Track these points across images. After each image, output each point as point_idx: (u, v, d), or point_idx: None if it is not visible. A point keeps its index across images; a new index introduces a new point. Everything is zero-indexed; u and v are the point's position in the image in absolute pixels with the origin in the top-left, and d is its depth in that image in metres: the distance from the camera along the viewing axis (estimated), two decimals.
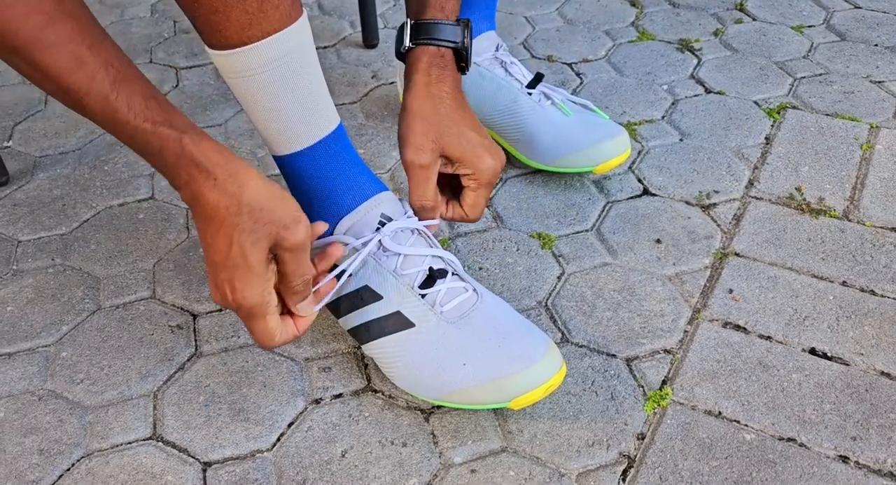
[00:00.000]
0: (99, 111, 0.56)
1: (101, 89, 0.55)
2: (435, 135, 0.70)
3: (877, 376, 0.74)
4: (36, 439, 0.71)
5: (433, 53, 0.73)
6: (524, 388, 0.66)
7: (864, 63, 1.21)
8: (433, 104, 0.71)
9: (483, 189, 0.74)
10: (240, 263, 0.58)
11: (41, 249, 0.92)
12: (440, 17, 0.73)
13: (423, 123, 0.70)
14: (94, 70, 0.54)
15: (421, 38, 0.73)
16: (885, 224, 0.91)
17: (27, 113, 1.18)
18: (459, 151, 0.71)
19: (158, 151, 0.57)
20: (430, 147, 0.70)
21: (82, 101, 0.55)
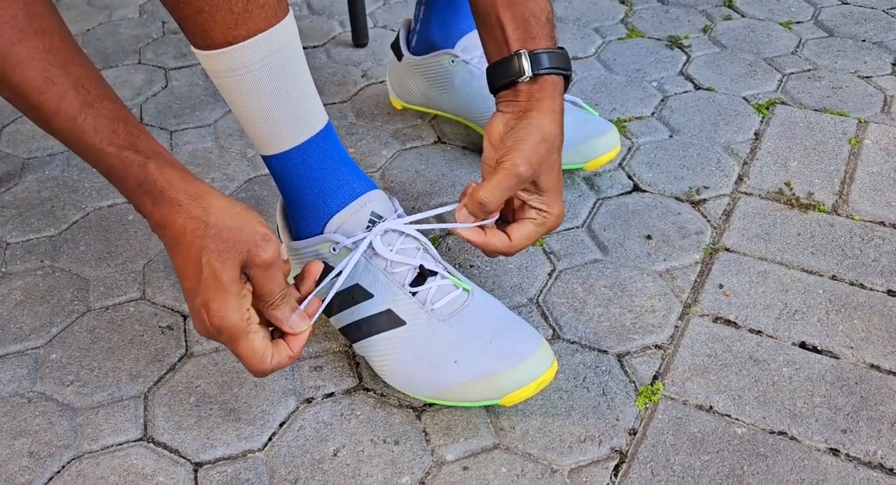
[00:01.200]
0: (66, 132, 0.55)
1: (70, 111, 0.54)
2: (545, 161, 0.67)
3: (866, 368, 0.74)
4: (26, 442, 0.71)
5: (556, 82, 0.68)
6: (516, 384, 0.66)
7: (852, 58, 1.22)
8: (558, 133, 0.67)
9: (543, 228, 0.70)
10: (212, 285, 0.57)
11: (30, 251, 0.92)
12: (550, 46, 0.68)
13: (544, 146, 0.66)
14: (63, 90, 0.54)
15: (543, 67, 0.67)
16: (873, 218, 0.91)
17: (15, 114, 1.17)
18: (553, 185, 0.68)
19: (122, 176, 0.56)
20: (536, 167, 0.66)
21: (50, 121, 0.54)
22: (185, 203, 0.56)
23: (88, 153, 0.56)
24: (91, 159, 0.57)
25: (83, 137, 0.55)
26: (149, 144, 0.58)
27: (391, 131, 1.10)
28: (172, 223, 0.56)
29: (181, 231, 0.56)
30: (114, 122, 0.56)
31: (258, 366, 0.61)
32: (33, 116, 0.56)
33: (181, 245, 0.57)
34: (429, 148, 1.06)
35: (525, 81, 0.67)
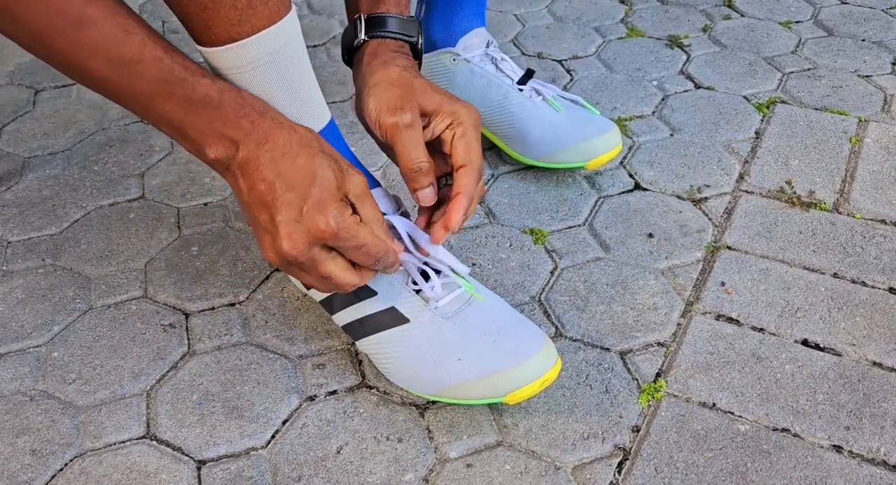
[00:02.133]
0: (152, 74, 0.56)
1: (154, 53, 0.56)
2: (410, 95, 0.67)
3: (869, 366, 0.74)
4: (28, 440, 0.71)
5: (390, 45, 0.70)
6: (519, 383, 0.66)
7: (852, 58, 1.22)
8: (399, 73, 0.68)
9: (471, 131, 0.68)
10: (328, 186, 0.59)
11: (31, 249, 0.92)
12: (395, 12, 0.71)
13: (395, 88, 0.67)
14: (143, 38, 0.56)
15: (377, 31, 0.70)
16: (874, 216, 0.92)
17: (15, 114, 1.17)
18: (435, 102, 0.67)
19: (218, 102, 0.58)
20: (409, 106, 0.66)
21: (134, 68, 0.55)
22: (288, 123, 0.60)
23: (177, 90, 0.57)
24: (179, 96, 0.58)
25: (173, 74, 0.57)
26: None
27: None
28: (275, 137, 0.59)
29: (286, 143, 0.59)
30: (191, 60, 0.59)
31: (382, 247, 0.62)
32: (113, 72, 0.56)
33: (286, 155, 0.59)
34: None
35: (361, 45, 0.70)
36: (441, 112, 0.67)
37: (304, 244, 0.59)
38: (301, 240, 0.59)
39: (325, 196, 0.59)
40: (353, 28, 0.72)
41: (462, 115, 0.67)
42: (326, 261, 0.61)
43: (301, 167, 0.59)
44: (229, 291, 0.85)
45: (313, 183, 0.59)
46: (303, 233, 0.58)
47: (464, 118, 0.67)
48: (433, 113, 0.67)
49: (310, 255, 0.59)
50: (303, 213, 0.58)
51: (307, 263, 0.60)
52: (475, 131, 0.68)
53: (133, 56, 0.55)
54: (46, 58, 0.57)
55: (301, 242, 0.59)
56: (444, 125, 0.67)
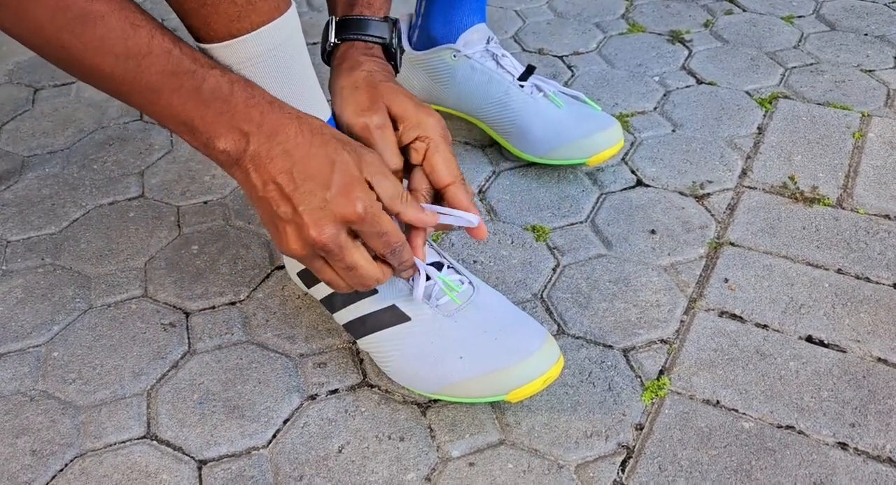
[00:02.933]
0: (161, 67, 0.55)
1: (163, 45, 0.55)
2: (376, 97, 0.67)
3: (874, 362, 0.74)
4: (28, 440, 0.70)
5: (359, 47, 0.71)
6: (522, 380, 0.66)
7: (855, 52, 1.21)
8: (365, 76, 0.69)
9: (442, 145, 0.67)
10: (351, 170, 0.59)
11: (31, 248, 0.91)
12: (367, 14, 0.72)
13: (361, 91, 0.68)
14: (151, 30, 0.55)
15: (347, 33, 0.71)
16: (878, 211, 0.91)
17: (14, 112, 1.16)
18: (401, 107, 0.67)
19: (229, 94, 0.58)
20: (377, 107, 0.67)
21: (141, 62, 0.55)
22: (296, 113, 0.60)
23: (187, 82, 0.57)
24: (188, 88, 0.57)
25: (182, 65, 0.56)
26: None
27: None
28: (286, 129, 0.59)
29: (297, 133, 0.59)
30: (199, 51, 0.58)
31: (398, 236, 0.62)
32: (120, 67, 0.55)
33: (299, 145, 0.58)
34: None
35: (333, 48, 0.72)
36: (407, 120, 0.67)
37: (332, 229, 0.58)
38: (328, 225, 0.58)
39: (349, 180, 0.58)
40: (325, 31, 0.73)
41: (429, 128, 0.67)
42: (353, 249, 0.61)
43: (316, 156, 0.59)
44: (230, 290, 0.84)
45: (333, 169, 0.58)
46: (329, 218, 0.58)
47: (430, 132, 0.67)
48: (400, 118, 0.68)
49: (338, 241, 0.59)
50: (327, 200, 0.58)
51: (335, 251, 0.60)
52: (446, 144, 0.67)
53: (141, 49, 0.55)
54: (51, 55, 0.56)
55: (328, 227, 0.58)
56: (412, 136, 0.67)
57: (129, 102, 0.59)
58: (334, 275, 0.63)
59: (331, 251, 0.60)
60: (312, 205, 0.58)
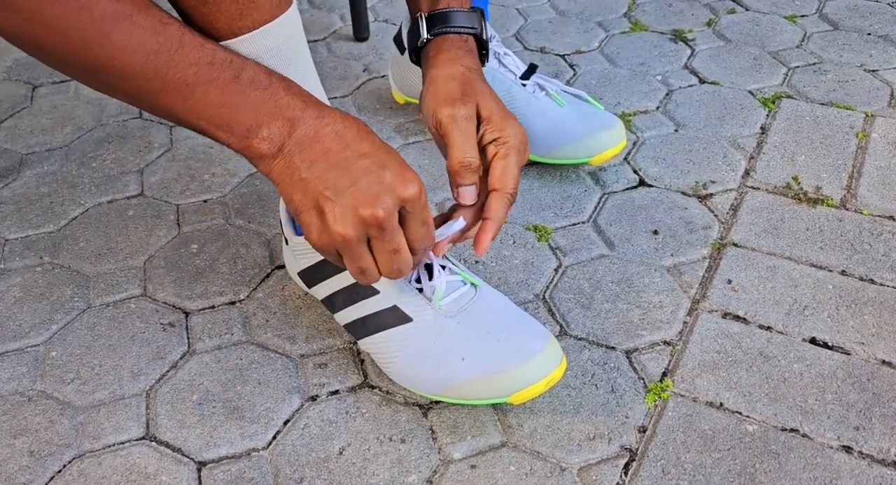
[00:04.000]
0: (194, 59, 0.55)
1: (195, 40, 0.55)
2: (470, 91, 0.66)
3: (878, 365, 0.73)
4: (26, 441, 0.70)
5: (455, 40, 0.69)
6: (524, 382, 0.65)
7: (858, 52, 1.21)
8: (463, 71, 0.67)
9: (513, 155, 0.65)
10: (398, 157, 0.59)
11: (29, 247, 0.91)
12: (455, 6, 0.70)
13: (456, 83, 0.66)
14: (180, 27, 0.55)
15: (438, 27, 0.69)
16: (882, 212, 0.91)
17: (13, 110, 1.16)
18: (489, 108, 0.66)
19: (268, 83, 0.57)
20: (468, 100, 0.65)
21: (174, 57, 0.54)
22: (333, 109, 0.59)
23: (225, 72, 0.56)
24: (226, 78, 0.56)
25: (217, 56, 0.56)
26: None
27: (394, 126, 1.09)
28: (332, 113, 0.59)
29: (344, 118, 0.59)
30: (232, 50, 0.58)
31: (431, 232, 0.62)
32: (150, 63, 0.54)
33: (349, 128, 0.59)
34: (432, 143, 1.05)
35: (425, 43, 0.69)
36: (491, 122, 0.65)
37: (392, 205, 0.57)
38: (388, 201, 0.57)
39: (401, 165, 0.59)
40: (415, 27, 0.71)
41: (509, 134, 0.65)
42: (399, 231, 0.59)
43: (366, 139, 0.59)
44: (230, 290, 0.84)
45: (387, 153, 0.59)
46: (388, 195, 0.57)
47: (510, 139, 0.65)
48: (485, 119, 0.65)
49: (393, 220, 0.58)
50: (384, 179, 0.57)
51: (388, 229, 0.58)
52: (518, 156, 0.65)
53: (173, 43, 0.54)
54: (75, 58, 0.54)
55: (389, 203, 0.57)
56: (491, 138, 0.65)
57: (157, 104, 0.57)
58: (371, 262, 0.61)
59: (385, 229, 0.58)
60: (371, 181, 0.57)
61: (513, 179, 0.65)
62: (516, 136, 0.65)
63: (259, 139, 0.57)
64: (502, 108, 0.66)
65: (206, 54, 0.55)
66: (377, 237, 0.58)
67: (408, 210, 0.58)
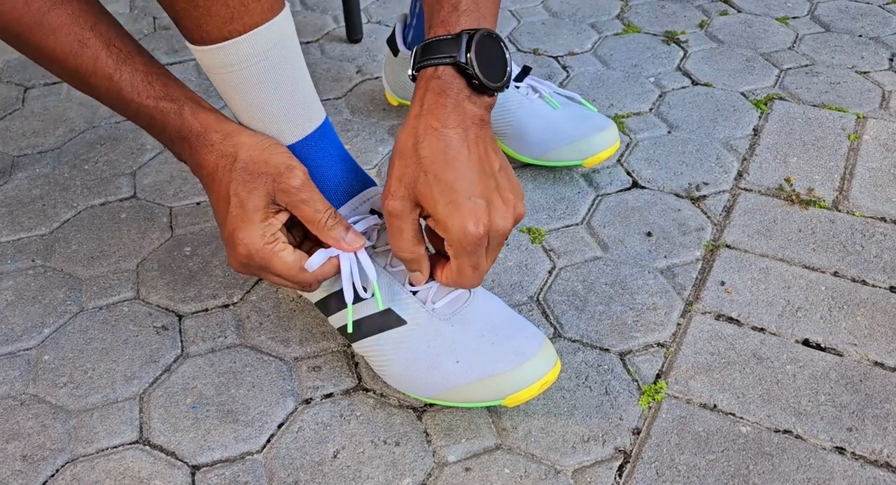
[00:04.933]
0: (104, 90, 0.58)
1: (105, 70, 0.57)
2: (409, 180, 0.59)
3: (870, 366, 0.74)
4: (19, 445, 0.69)
5: (428, 76, 0.61)
6: (519, 385, 0.65)
7: (850, 54, 1.21)
8: (414, 142, 0.60)
9: (461, 256, 0.60)
10: (238, 214, 0.60)
11: (21, 250, 0.90)
12: (441, 34, 0.62)
13: (399, 165, 0.60)
14: (96, 52, 0.57)
15: (419, 62, 0.62)
16: (874, 214, 0.91)
17: (4, 111, 1.15)
18: (431, 205, 0.59)
19: (161, 126, 0.60)
20: (401, 193, 0.60)
21: (89, 81, 0.58)
22: (217, 142, 0.61)
23: (128, 108, 0.60)
24: (131, 113, 0.61)
25: (122, 94, 0.59)
26: (181, 90, 0.62)
27: (387, 128, 1.08)
28: (206, 162, 0.61)
29: (213, 168, 0.61)
30: (147, 75, 0.60)
31: (299, 276, 0.63)
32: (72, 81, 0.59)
33: (213, 181, 0.61)
34: None
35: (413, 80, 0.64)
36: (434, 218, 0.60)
37: (237, 264, 0.63)
38: (233, 261, 0.63)
39: (233, 227, 0.61)
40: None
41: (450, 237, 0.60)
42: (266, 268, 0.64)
43: (222, 195, 0.62)
44: (223, 293, 0.83)
45: (228, 207, 0.61)
46: (232, 255, 0.63)
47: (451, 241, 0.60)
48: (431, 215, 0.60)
49: (249, 270, 0.63)
50: (228, 241, 0.62)
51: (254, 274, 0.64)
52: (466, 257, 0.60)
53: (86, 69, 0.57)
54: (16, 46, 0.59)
55: (234, 262, 0.63)
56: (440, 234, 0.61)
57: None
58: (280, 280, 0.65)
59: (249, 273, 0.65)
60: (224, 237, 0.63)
61: (467, 279, 0.63)
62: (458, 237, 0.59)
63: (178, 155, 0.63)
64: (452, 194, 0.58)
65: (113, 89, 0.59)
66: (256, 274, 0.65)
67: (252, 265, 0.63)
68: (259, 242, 0.61)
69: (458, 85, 0.61)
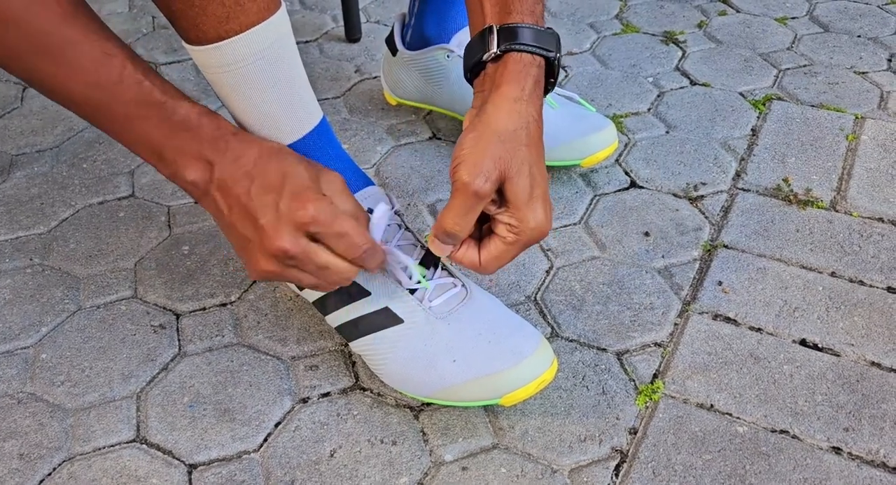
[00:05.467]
0: (131, 97, 0.56)
1: (134, 76, 0.56)
2: (505, 165, 0.58)
3: (867, 366, 0.74)
4: (16, 444, 0.69)
5: (528, 62, 0.59)
6: (516, 384, 0.65)
7: (848, 54, 1.21)
8: (517, 128, 0.58)
9: (516, 247, 0.61)
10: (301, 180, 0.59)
11: (19, 248, 0.90)
12: (530, 22, 0.61)
13: (499, 147, 0.58)
14: (123, 60, 0.56)
15: (513, 43, 0.59)
16: (872, 214, 0.91)
17: (3, 110, 1.15)
18: (518, 194, 0.59)
19: (197, 125, 0.59)
20: (495, 176, 0.58)
21: (113, 91, 0.56)
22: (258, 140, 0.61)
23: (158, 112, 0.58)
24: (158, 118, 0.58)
25: (152, 96, 0.57)
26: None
27: (385, 127, 1.09)
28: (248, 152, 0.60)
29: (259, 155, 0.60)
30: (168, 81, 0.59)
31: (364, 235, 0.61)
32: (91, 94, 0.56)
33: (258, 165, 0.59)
34: (424, 144, 1.05)
35: (491, 60, 0.60)
36: (514, 207, 0.59)
37: (290, 235, 0.58)
38: (287, 231, 0.58)
39: (299, 187, 0.59)
40: (480, 40, 0.62)
41: (525, 228, 0.60)
42: (319, 251, 0.60)
43: (271, 171, 0.59)
44: (220, 292, 0.83)
45: (284, 180, 0.59)
46: (286, 225, 0.58)
47: (523, 233, 0.60)
48: (508, 202, 0.60)
49: (300, 246, 0.59)
50: (280, 208, 0.58)
51: (301, 256, 0.59)
52: (520, 249, 0.62)
53: (113, 78, 0.56)
54: (26, 78, 0.57)
55: (287, 233, 0.58)
56: (506, 221, 0.60)
57: (102, 128, 0.60)
58: (309, 278, 0.62)
59: (295, 256, 0.59)
60: (269, 216, 0.58)
61: (499, 266, 0.63)
62: (534, 230, 0.60)
63: (186, 181, 0.60)
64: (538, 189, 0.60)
65: (143, 93, 0.57)
66: (295, 266, 0.61)
67: (313, 231, 0.59)
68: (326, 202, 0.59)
69: (543, 81, 0.62)
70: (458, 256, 0.64)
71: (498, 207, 0.61)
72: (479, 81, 0.63)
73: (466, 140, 0.59)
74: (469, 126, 0.60)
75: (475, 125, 0.59)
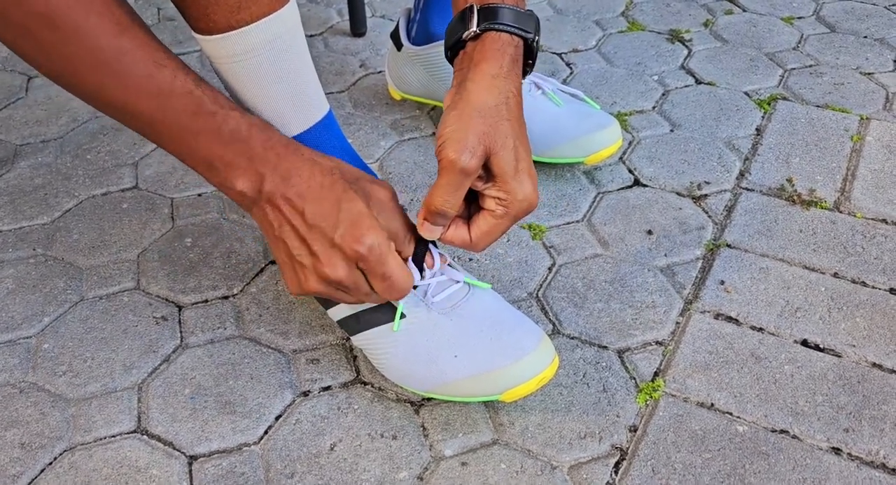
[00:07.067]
0: (182, 108, 0.56)
1: (186, 86, 0.56)
2: (489, 140, 0.59)
3: (869, 367, 0.74)
4: (17, 433, 0.69)
5: (506, 42, 0.61)
6: (516, 380, 0.65)
7: (854, 54, 1.21)
8: (497, 103, 0.60)
9: (506, 220, 0.62)
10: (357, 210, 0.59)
11: (22, 238, 0.90)
12: (511, 3, 0.63)
13: (481, 122, 0.59)
14: (174, 70, 0.56)
15: (492, 22, 0.61)
16: (875, 216, 0.91)
17: (7, 100, 1.15)
18: (504, 167, 0.60)
19: (248, 136, 0.59)
20: (480, 152, 0.59)
21: (165, 101, 0.56)
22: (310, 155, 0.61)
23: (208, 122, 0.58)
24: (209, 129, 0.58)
25: (203, 106, 0.57)
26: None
27: (389, 122, 1.08)
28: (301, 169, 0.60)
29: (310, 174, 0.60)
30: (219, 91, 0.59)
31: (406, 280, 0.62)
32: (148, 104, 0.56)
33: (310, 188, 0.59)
34: (427, 139, 1.05)
35: (470, 39, 0.62)
36: (501, 181, 0.61)
37: (344, 266, 0.60)
38: (341, 262, 0.60)
39: (355, 220, 0.59)
40: (461, 20, 0.64)
41: (513, 200, 0.61)
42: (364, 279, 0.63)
43: (326, 197, 0.60)
44: (223, 284, 0.84)
45: (340, 210, 0.59)
46: (340, 257, 0.60)
47: (512, 205, 0.61)
48: (496, 176, 0.61)
49: (353, 277, 0.61)
50: (335, 240, 0.59)
51: (351, 286, 0.62)
52: (510, 222, 0.63)
53: (164, 88, 0.56)
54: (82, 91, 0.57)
55: (341, 263, 0.60)
56: (494, 194, 0.62)
57: (158, 141, 0.60)
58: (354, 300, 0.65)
59: (347, 285, 0.61)
60: (324, 245, 0.60)
61: (489, 242, 0.64)
62: (521, 202, 0.61)
63: (235, 191, 0.60)
64: (523, 162, 0.61)
65: (193, 103, 0.57)
66: (344, 291, 0.63)
67: (361, 267, 0.61)
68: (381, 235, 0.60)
69: (521, 61, 0.64)
70: (449, 236, 0.64)
71: (485, 182, 0.62)
72: (459, 60, 0.64)
73: (449, 118, 0.60)
74: (450, 104, 0.61)
75: (456, 103, 0.61)
